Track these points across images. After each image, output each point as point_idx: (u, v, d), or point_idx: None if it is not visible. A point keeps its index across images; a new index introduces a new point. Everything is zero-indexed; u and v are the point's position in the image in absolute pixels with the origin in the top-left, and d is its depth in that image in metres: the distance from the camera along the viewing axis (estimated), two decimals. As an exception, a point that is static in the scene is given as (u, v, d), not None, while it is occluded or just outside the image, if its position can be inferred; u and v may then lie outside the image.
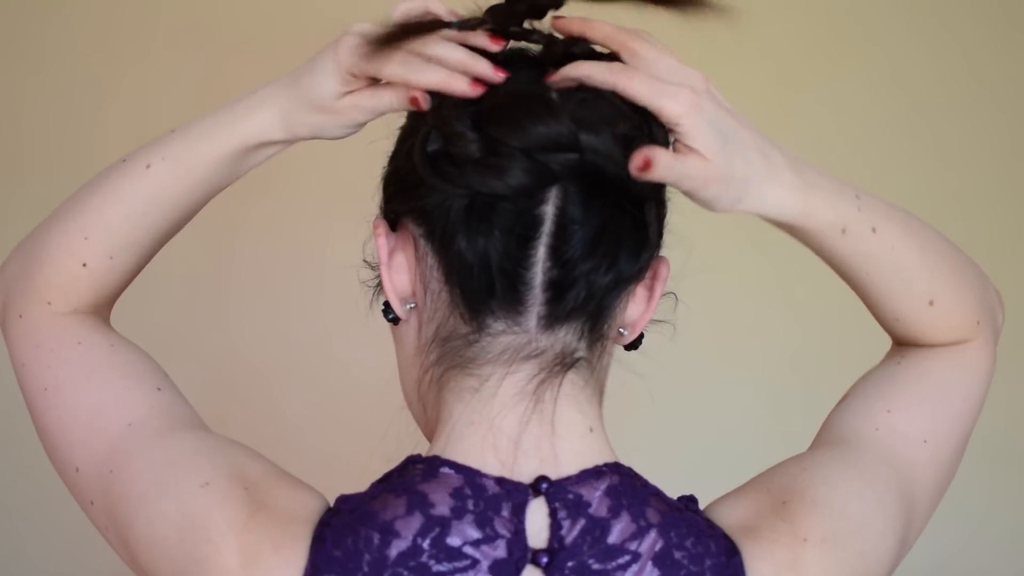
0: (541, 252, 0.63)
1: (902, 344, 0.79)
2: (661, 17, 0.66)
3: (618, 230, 0.64)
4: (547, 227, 0.62)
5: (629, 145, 0.61)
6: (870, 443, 0.71)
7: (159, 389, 0.71)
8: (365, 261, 0.72)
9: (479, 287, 0.63)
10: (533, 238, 0.62)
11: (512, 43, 0.67)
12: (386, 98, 0.66)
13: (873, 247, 0.70)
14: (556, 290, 0.63)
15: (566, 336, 0.65)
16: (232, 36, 1.84)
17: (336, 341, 1.79)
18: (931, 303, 0.74)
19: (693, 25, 0.62)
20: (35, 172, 1.87)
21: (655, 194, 0.66)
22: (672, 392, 1.83)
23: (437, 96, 0.64)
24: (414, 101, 0.64)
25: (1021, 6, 1.91)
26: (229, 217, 1.77)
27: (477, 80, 0.63)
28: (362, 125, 0.69)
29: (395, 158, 0.69)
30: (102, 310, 0.76)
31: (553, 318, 0.64)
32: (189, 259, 1.77)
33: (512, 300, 0.63)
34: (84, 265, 0.72)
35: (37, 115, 1.86)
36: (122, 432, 0.68)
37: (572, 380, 0.66)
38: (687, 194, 0.64)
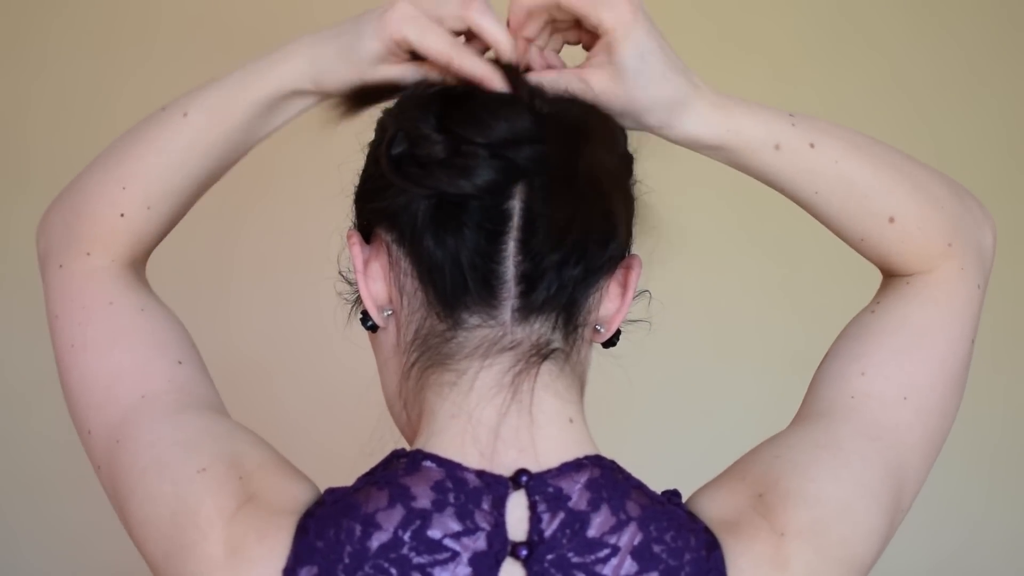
0: (511, 247, 0.63)
1: (881, 269, 0.76)
2: (660, 15, 0.67)
3: (585, 221, 0.64)
4: (515, 222, 0.63)
5: (589, 136, 0.63)
6: (846, 415, 0.69)
7: (180, 363, 0.72)
8: (341, 274, 0.73)
9: (452, 284, 0.64)
10: (502, 233, 0.63)
11: None
12: (420, 74, 0.67)
13: (815, 163, 0.69)
14: (528, 283, 0.64)
15: (541, 328, 0.65)
16: (235, 36, 1.85)
17: (335, 337, 1.78)
18: (891, 220, 0.71)
19: (692, 24, 0.63)
20: (39, 173, 1.87)
21: (621, 184, 0.67)
22: (673, 391, 1.83)
23: (404, 96, 0.66)
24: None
25: (1021, 5, 1.91)
26: (229, 212, 1.77)
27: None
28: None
29: (365, 168, 0.70)
30: (139, 262, 0.76)
31: (527, 310, 0.65)
32: (189, 254, 1.78)
33: (486, 295, 0.64)
34: (122, 215, 0.73)
35: (40, 116, 1.86)
36: (135, 403, 0.69)
37: (549, 370, 0.66)
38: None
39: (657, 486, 0.67)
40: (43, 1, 1.85)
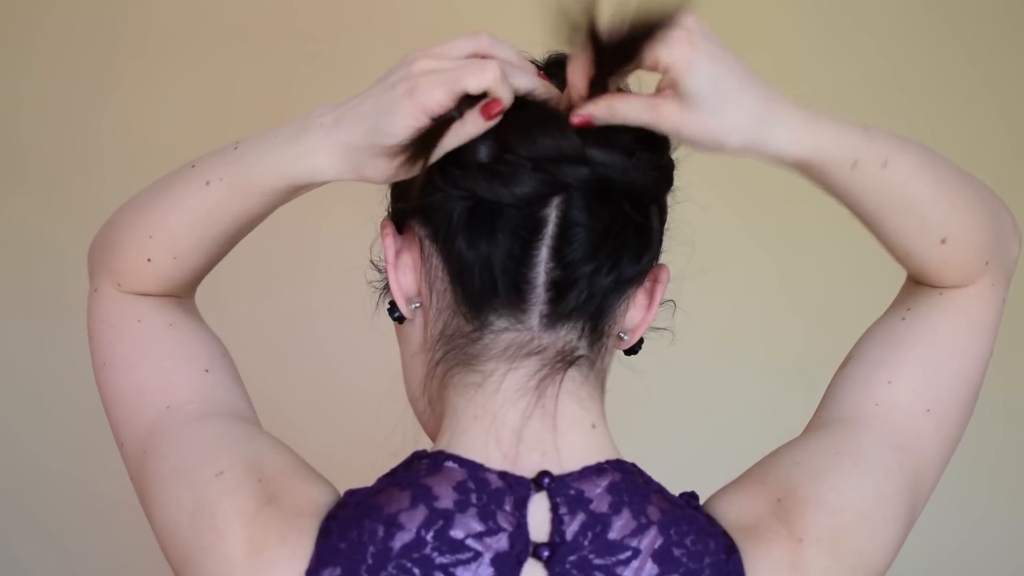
0: (544, 253, 0.64)
1: (915, 278, 0.76)
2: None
3: (621, 233, 0.64)
4: (550, 229, 0.63)
5: (632, 154, 0.63)
6: (870, 422, 0.70)
7: (206, 371, 0.73)
8: (372, 263, 0.73)
9: (481, 287, 0.64)
10: (536, 240, 0.63)
11: None
12: (463, 131, 0.63)
13: (884, 182, 0.67)
14: (558, 290, 0.64)
15: (567, 334, 0.66)
16: (230, 33, 1.84)
17: (332, 343, 1.79)
18: (943, 241, 0.70)
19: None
20: (34, 171, 1.87)
21: (659, 198, 0.67)
22: (674, 391, 1.83)
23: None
24: (490, 110, 0.62)
25: (1022, 4, 1.91)
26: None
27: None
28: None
29: None
30: (177, 294, 0.77)
31: (555, 317, 0.65)
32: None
33: (515, 299, 0.64)
34: (149, 260, 0.73)
35: (35, 114, 1.86)
36: (160, 414, 0.70)
37: (573, 377, 0.66)
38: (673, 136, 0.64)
39: (659, 482, 0.67)
40: (39, -4, 1.85)
